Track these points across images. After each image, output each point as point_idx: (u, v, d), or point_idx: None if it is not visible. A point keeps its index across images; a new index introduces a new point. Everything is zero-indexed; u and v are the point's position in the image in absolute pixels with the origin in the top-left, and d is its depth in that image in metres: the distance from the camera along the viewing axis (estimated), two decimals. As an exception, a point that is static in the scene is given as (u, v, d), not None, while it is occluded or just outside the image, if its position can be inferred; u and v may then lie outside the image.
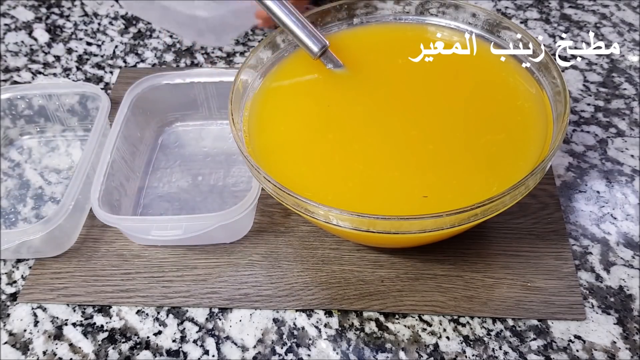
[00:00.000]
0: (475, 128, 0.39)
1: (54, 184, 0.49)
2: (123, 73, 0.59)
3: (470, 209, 0.31)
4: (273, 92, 0.43)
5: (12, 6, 0.67)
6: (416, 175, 0.37)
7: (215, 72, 0.48)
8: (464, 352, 0.37)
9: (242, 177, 0.47)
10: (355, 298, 0.40)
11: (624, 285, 0.40)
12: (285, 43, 0.44)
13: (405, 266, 0.41)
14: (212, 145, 0.50)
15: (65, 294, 0.42)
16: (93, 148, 0.45)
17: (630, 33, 0.58)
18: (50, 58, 0.62)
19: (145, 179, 0.48)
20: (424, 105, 0.41)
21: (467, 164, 0.37)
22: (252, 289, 0.41)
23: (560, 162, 0.47)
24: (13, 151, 0.52)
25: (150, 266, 0.43)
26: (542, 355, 0.37)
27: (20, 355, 0.39)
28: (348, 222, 0.33)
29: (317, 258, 0.42)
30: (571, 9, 0.62)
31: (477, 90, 0.42)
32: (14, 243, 0.40)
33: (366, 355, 0.37)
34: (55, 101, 0.51)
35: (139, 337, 0.39)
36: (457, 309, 0.39)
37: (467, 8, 0.43)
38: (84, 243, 0.45)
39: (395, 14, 0.46)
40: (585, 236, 0.42)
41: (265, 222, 0.44)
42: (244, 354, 0.38)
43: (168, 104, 0.50)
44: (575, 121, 0.50)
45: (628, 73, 0.54)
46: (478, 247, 0.42)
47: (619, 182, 0.45)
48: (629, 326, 0.38)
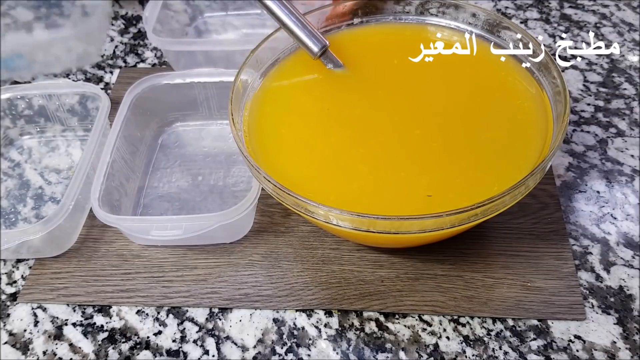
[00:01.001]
0: (475, 128, 0.39)
1: (54, 184, 0.49)
2: (123, 73, 0.59)
3: (470, 209, 0.31)
4: (273, 92, 0.43)
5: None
6: (417, 175, 0.37)
7: (215, 72, 0.48)
8: (464, 352, 0.37)
9: (242, 177, 0.47)
10: (355, 298, 0.40)
11: (624, 285, 0.40)
12: (286, 43, 0.44)
13: (405, 266, 0.41)
14: (212, 145, 0.50)
15: (65, 294, 0.42)
16: (93, 148, 0.45)
17: (630, 33, 0.58)
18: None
19: (145, 179, 0.48)
20: (423, 105, 0.41)
21: (467, 164, 0.37)
22: (252, 289, 0.41)
23: (560, 162, 0.47)
24: (13, 151, 0.52)
25: (150, 266, 0.43)
26: (542, 355, 0.37)
27: (20, 355, 0.39)
28: (348, 222, 0.33)
29: (317, 258, 0.42)
30: (571, 9, 0.62)
31: (476, 90, 0.42)
32: (14, 243, 0.40)
33: (366, 355, 0.37)
34: (55, 101, 0.51)
35: (139, 337, 0.39)
36: (457, 309, 0.39)
37: (467, 8, 0.43)
38: (84, 243, 0.45)
39: (395, 14, 0.46)
40: (585, 236, 0.42)
41: (265, 222, 0.44)
42: (244, 354, 0.38)
43: (168, 104, 0.50)
44: (575, 121, 0.50)
45: (628, 73, 0.54)
46: (478, 247, 0.42)
47: (619, 182, 0.45)
48: (629, 326, 0.38)
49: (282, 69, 0.44)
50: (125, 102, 0.47)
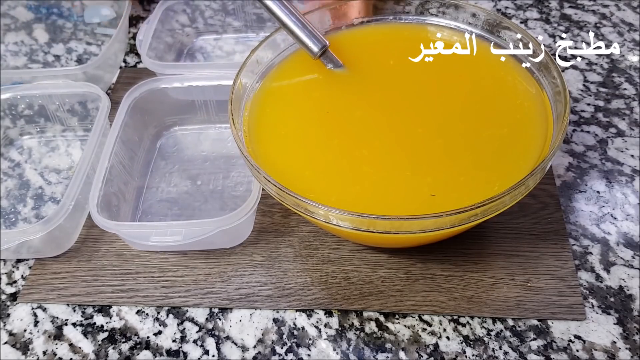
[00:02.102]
0: (475, 128, 0.39)
1: (54, 184, 0.49)
2: (123, 73, 0.59)
3: (470, 209, 0.31)
4: (273, 92, 0.43)
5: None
6: (418, 175, 0.37)
7: (214, 76, 0.48)
8: (464, 352, 0.37)
9: (241, 180, 0.47)
10: (355, 298, 0.40)
11: (624, 285, 0.40)
12: (286, 43, 0.44)
13: (405, 266, 0.41)
14: (210, 149, 0.50)
15: (65, 294, 0.42)
16: (93, 148, 0.45)
17: (630, 33, 0.58)
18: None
19: (144, 183, 0.48)
20: (423, 105, 0.41)
21: (467, 164, 0.37)
22: (252, 289, 0.41)
23: (560, 162, 0.47)
24: (13, 151, 0.52)
25: (150, 266, 0.43)
26: (542, 355, 0.37)
27: (20, 355, 0.39)
28: (348, 222, 0.33)
29: (317, 258, 0.42)
30: (571, 9, 0.62)
31: (476, 90, 0.42)
32: (14, 243, 0.40)
33: (366, 355, 0.37)
34: (55, 101, 0.51)
35: (139, 337, 0.39)
36: (457, 309, 0.39)
37: (467, 8, 0.43)
38: (84, 243, 0.45)
39: (395, 14, 0.46)
40: (585, 236, 0.42)
41: (266, 222, 0.44)
42: (244, 354, 0.38)
43: (166, 108, 0.50)
44: (575, 121, 0.50)
45: (628, 73, 0.54)
46: (478, 247, 0.42)
47: (619, 182, 0.45)
48: (629, 326, 0.38)
49: (282, 69, 0.44)
50: (123, 106, 0.47)
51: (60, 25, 0.65)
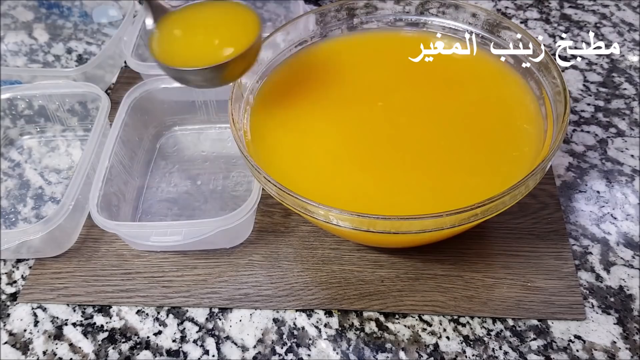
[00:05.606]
0: (475, 128, 0.39)
1: (54, 184, 0.49)
2: (123, 73, 0.59)
3: (470, 209, 0.31)
4: (273, 92, 0.43)
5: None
6: (418, 175, 0.37)
7: None
8: (464, 352, 0.37)
9: (241, 180, 0.47)
10: (355, 298, 0.40)
11: (624, 285, 0.40)
12: (286, 43, 0.44)
13: (405, 266, 0.41)
14: (210, 149, 0.50)
15: (65, 294, 0.42)
16: (93, 148, 0.45)
17: (630, 33, 0.58)
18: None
19: (144, 183, 0.48)
20: (423, 105, 0.41)
21: (467, 164, 0.37)
22: (252, 289, 0.41)
23: (560, 162, 0.47)
24: (13, 151, 0.52)
25: (150, 266, 0.43)
26: (542, 355, 0.37)
27: (20, 355, 0.39)
28: (348, 222, 0.33)
29: (317, 258, 0.42)
30: (571, 9, 0.62)
31: (476, 90, 0.42)
32: (14, 243, 0.40)
33: (366, 355, 0.37)
34: (55, 101, 0.51)
35: (139, 337, 0.39)
36: (457, 309, 0.39)
37: (467, 8, 0.43)
38: (84, 243, 0.45)
39: (395, 14, 0.46)
40: (585, 236, 0.42)
41: (266, 222, 0.44)
42: (244, 354, 0.38)
43: (166, 108, 0.50)
44: (575, 121, 0.50)
45: (628, 73, 0.54)
46: (478, 247, 0.42)
47: (619, 182, 0.45)
48: (629, 326, 0.38)
49: (282, 69, 0.44)
50: (123, 106, 0.47)
51: (60, 25, 0.65)
